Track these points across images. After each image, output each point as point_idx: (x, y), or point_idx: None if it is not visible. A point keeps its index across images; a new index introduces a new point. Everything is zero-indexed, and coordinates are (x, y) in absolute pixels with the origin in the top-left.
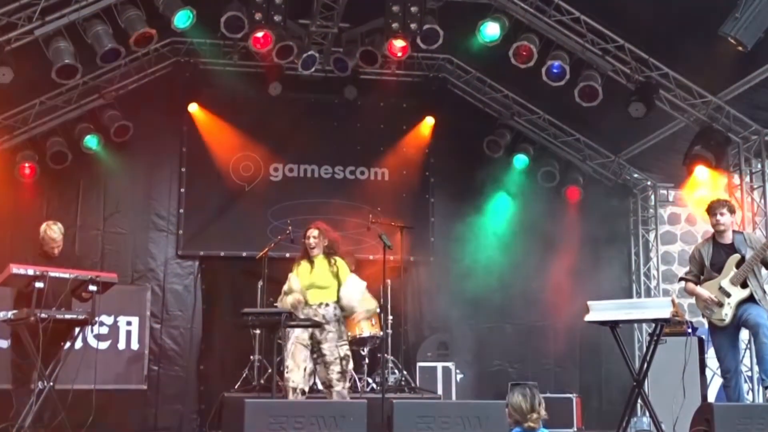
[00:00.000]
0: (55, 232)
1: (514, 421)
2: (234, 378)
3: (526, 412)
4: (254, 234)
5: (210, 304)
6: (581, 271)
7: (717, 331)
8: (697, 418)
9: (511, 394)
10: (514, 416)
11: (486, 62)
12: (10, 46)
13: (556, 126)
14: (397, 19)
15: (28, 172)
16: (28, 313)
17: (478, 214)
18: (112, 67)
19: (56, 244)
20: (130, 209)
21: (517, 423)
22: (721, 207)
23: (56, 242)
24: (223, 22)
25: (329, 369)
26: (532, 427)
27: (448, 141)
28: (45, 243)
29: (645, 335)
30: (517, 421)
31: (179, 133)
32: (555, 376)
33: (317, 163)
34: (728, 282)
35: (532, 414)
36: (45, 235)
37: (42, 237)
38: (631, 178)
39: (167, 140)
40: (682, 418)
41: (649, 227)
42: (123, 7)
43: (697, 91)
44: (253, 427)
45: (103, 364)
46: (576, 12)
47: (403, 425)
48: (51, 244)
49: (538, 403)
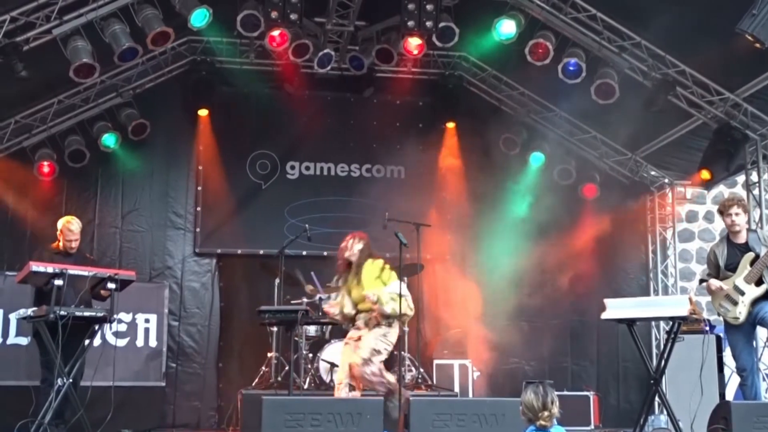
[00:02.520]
0: (74, 226)
1: (527, 420)
2: (252, 375)
3: (537, 410)
4: (271, 232)
5: (227, 302)
6: (598, 269)
7: (732, 329)
8: (714, 416)
9: (524, 392)
10: (527, 414)
11: (502, 60)
12: (28, 46)
13: (572, 123)
14: (413, 17)
15: (46, 171)
16: (47, 310)
17: (495, 212)
18: (130, 66)
19: (75, 237)
20: (148, 207)
21: (530, 421)
22: (736, 207)
23: (75, 236)
24: (240, 21)
25: (356, 352)
26: (544, 425)
27: (464, 139)
28: (64, 237)
29: (662, 333)
30: (530, 419)
31: (196, 132)
32: (572, 373)
33: (333, 161)
34: (742, 280)
35: (543, 412)
36: (64, 227)
37: (61, 230)
38: (648, 175)
39: (184, 138)
40: (699, 416)
41: (666, 225)
42: (140, 6)
43: (715, 88)
44: (270, 424)
45: (122, 361)
46: (592, 9)
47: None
48: (70, 237)
49: (551, 402)
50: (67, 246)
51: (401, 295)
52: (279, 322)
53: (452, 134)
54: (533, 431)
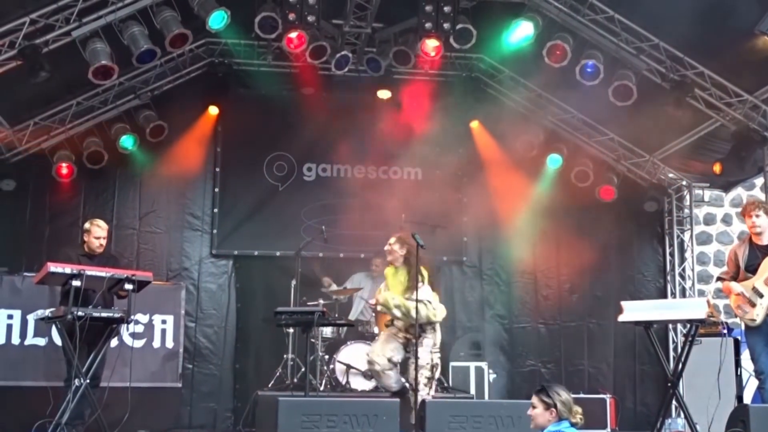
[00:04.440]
0: (102, 228)
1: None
2: (269, 376)
3: (572, 406)
4: (288, 233)
5: (244, 303)
6: (615, 271)
7: (751, 331)
8: (732, 420)
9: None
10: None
11: (519, 62)
12: (47, 48)
13: (589, 125)
14: (431, 19)
15: (65, 172)
16: (65, 311)
17: (511, 214)
18: (148, 68)
19: (103, 235)
20: (165, 209)
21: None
22: (757, 209)
23: (103, 237)
24: (257, 23)
25: (419, 372)
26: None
27: (480, 141)
28: (90, 238)
29: (680, 336)
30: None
31: (214, 133)
32: (589, 376)
33: (350, 162)
34: (762, 282)
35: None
36: (92, 228)
37: (88, 230)
38: (666, 177)
39: (202, 140)
40: (717, 419)
41: (684, 227)
42: (158, 9)
43: (733, 90)
44: (286, 425)
45: (139, 362)
46: (610, 11)
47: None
48: (98, 234)
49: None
50: (93, 247)
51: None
52: (295, 324)
53: (469, 136)
54: (568, 427)
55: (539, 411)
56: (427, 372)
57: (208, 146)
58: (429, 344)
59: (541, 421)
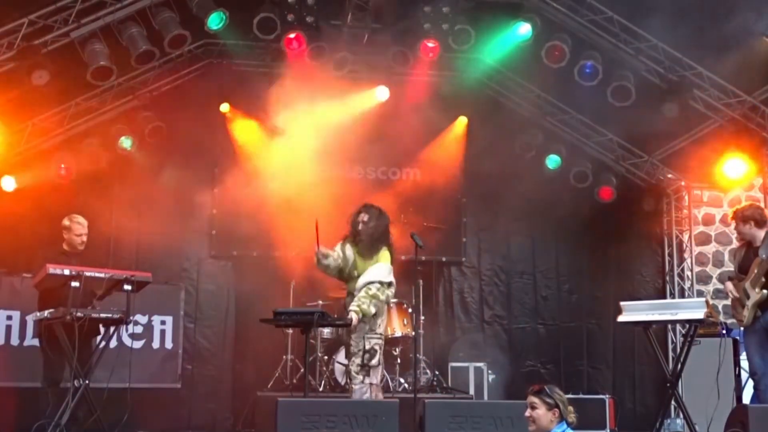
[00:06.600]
0: (82, 224)
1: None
2: (268, 377)
3: (567, 406)
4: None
5: (243, 304)
6: (614, 272)
7: (747, 332)
8: (731, 420)
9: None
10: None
11: (517, 62)
12: (46, 49)
13: (588, 126)
14: (429, 20)
15: (64, 173)
16: (64, 311)
17: (510, 215)
18: (147, 69)
19: (85, 232)
20: (164, 210)
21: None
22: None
23: (85, 234)
24: (256, 24)
25: (351, 361)
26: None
27: (479, 141)
28: (71, 236)
29: (679, 336)
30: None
31: (213, 134)
32: (588, 376)
33: (349, 163)
34: (749, 284)
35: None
36: (72, 225)
37: (68, 227)
38: (665, 178)
39: (201, 141)
40: (716, 419)
41: (683, 228)
42: (157, 10)
43: (732, 91)
44: (285, 425)
45: (138, 363)
46: (608, 11)
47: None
48: (79, 231)
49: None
50: (75, 244)
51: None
52: (295, 324)
53: (468, 137)
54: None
55: (541, 412)
56: (358, 359)
57: (207, 147)
58: (363, 329)
59: (544, 422)
